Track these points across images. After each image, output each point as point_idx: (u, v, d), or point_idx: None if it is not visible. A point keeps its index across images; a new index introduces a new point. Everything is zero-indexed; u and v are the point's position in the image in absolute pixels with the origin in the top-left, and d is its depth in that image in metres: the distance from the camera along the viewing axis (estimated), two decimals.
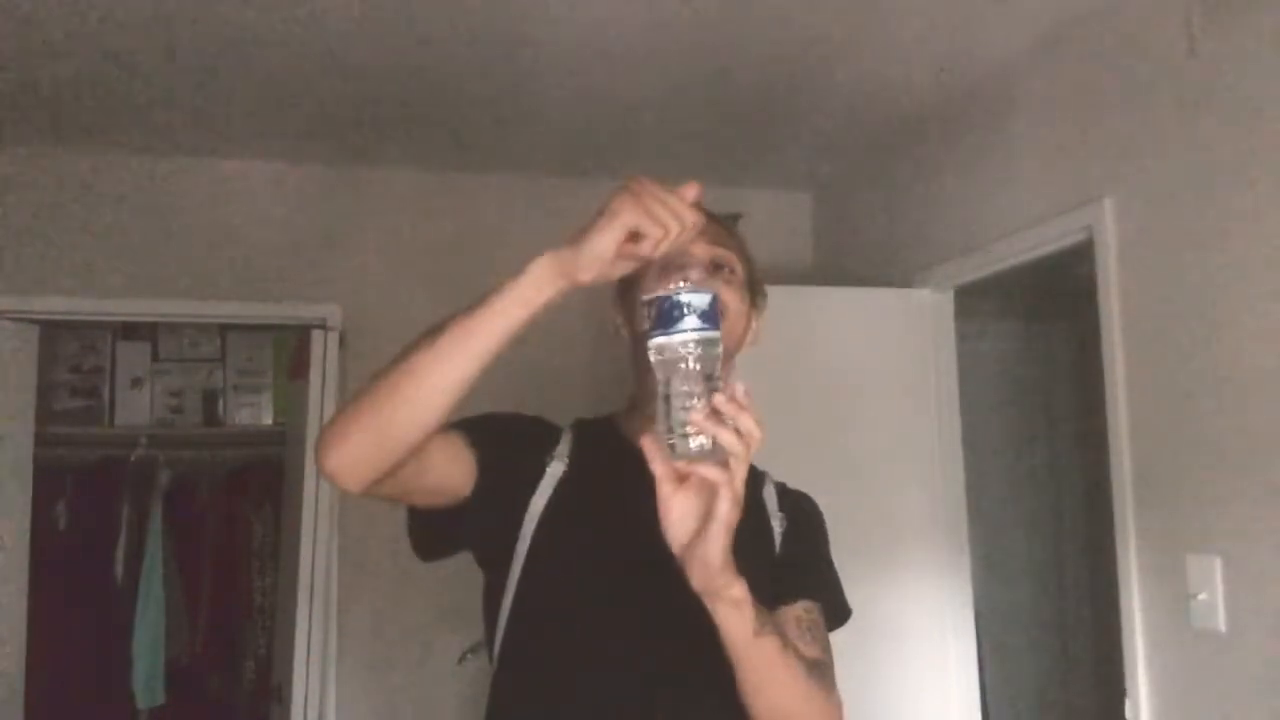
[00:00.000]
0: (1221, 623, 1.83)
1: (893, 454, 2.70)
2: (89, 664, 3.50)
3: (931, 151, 2.82)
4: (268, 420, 3.92)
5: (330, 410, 2.98)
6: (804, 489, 1.41)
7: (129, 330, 3.87)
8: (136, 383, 3.86)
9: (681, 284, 0.96)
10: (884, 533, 2.62)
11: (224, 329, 3.90)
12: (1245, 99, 1.81)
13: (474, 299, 1.01)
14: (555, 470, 1.22)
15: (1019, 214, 2.42)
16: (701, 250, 1.20)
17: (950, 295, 2.81)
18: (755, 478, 1.34)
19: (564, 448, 1.24)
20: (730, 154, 3.08)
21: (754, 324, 1.32)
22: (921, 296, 2.81)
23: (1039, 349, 3.80)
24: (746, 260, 1.33)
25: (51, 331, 3.30)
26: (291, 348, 3.55)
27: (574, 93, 2.61)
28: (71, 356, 3.79)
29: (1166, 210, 1.99)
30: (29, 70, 2.42)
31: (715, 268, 1.23)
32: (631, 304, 1.22)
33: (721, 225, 1.32)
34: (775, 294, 2.92)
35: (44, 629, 3.09)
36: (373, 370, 1.07)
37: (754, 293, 1.33)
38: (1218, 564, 1.84)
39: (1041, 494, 3.74)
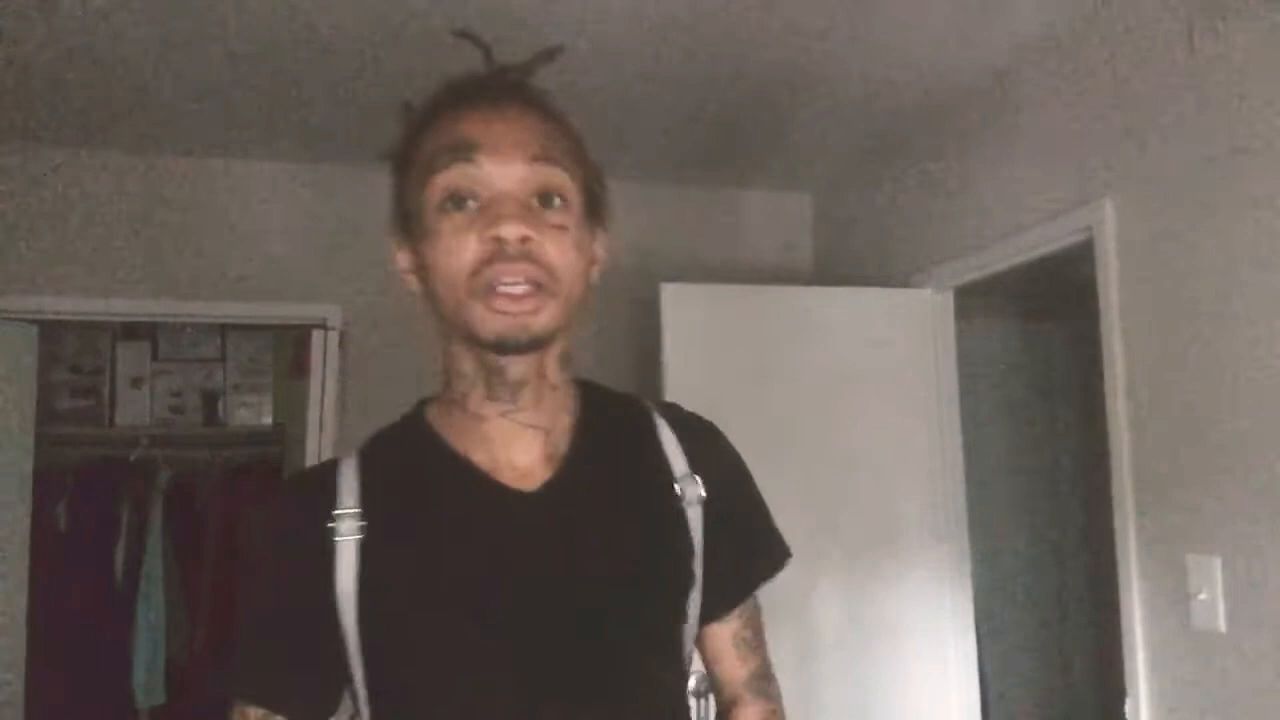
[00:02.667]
0: (1221, 623, 1.83)
1: (893, 454, 2.70)
2: (89, 664, 3.49)
3: (931, 151, 2.82)
4: (268, 420, 3.92)
5: (330, 410, 2.98)
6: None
7: (129, 330, 3.88)
8: (136, 383, 3.87)
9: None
10: (884, 533, 2.62)
11: (224, 329, 3.90)
12: (1245, 99, 1.81)
13: None
14: (346, 536, 0.89)
15: (1019, 214, 2.43)
16: (517, 176, 0.87)
17: (950, 295, 2.81)
18: (638, 415, 1.03)
19: (348, 496, 0.91)
20: (730, 154, 3.08)
21: (598, 250, 0.97)
22: (921, 296, 2.81)
23: (1039, 349, 3.80)
24: (579, 162, 0.93)
25: (51, 331, 3.30)
26: (291, 348, 3.55)
27: (574, 93, 2.60)
28: (71, 356, 3.79)
29: (1166, 210, 1.99)
30: (29, 70, 2.42)
31: (541, 201, 0.88)
32: (420, 239, 0.91)
33: (541, 112, 0.93)
34: (775, 294, 2.93)
35: (44, 629, 3.09)
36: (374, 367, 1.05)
37: (594, 208, 0.96)
38: (1218, 564, 1.84)
39: (1041, 494, 3.74)
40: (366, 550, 0.89)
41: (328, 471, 0.95)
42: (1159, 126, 2.01)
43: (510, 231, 0.84)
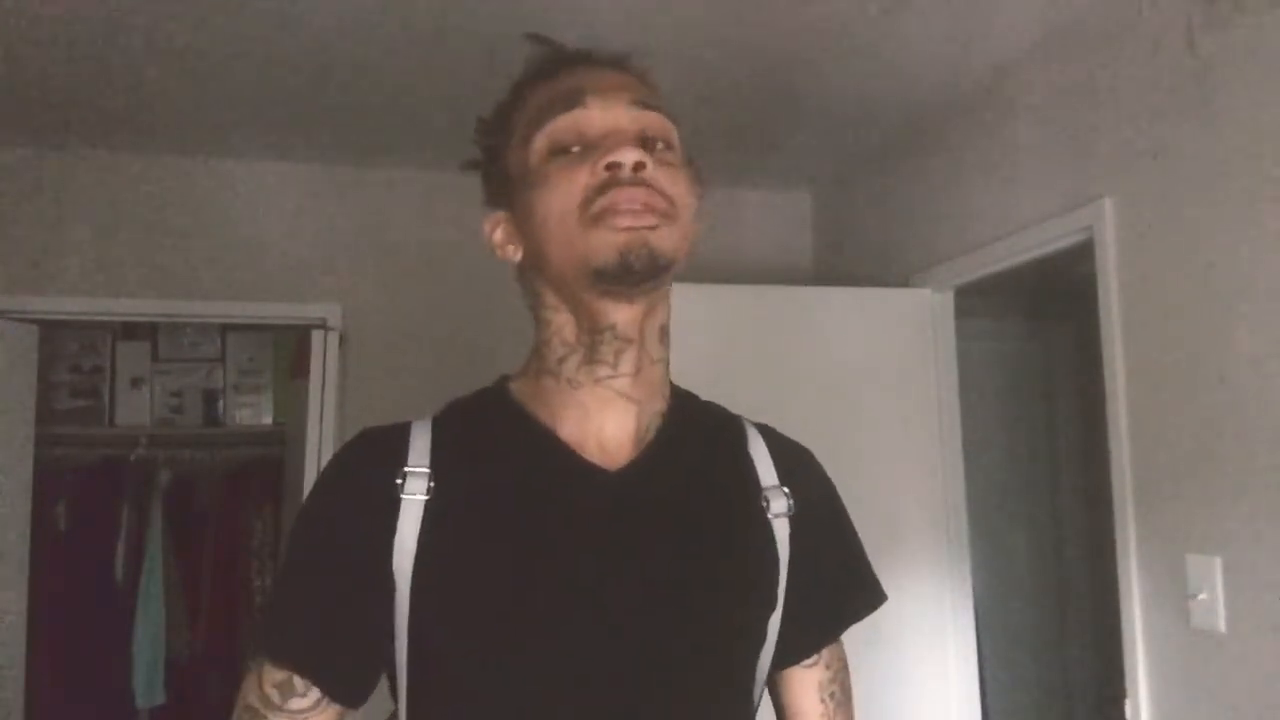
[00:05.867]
0: (1221, 623, 1.83)
1: (893, 454, 2.70)
2: (89, 664, 3.50)
3: (931, 151, 2.82)
4: (268, 420, 3.92)
5: (330, 410, 2.98)
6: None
7: (129, 330, 3.88)
8: (136, 383, 3.86)
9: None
10: (884, 533, 2.61)
11: (224, 329, 3.90)
12: (1245, 98, 1.81)
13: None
14: (413, 495, 0.84)
15: (1019, 214, 2.42)
16: (625, 117, 0.86)
17: (950, 295, 2.81)
18: (730, 421, 0.99)
19: (419, 455, 0.87)
20: (730, 154, 3.08)
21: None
22: (921, 296, 2.81)
23: (1039, 349, 3.80)
24: (675, 121, 0.93)
25: (51, 331, 3.30)
26: (291, 348, 3.55)
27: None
28: (71, 356, 3.79)
29: (1166, 210, 1.99)
30: (29, 70, 2.42)
31: (645, 143, 0.86)
32: (525, 193, 0.87)
33: (638, 74, 0.93)
34: (775, 294, 2.93)
35: (44, 629, 3.09)
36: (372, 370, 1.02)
37: (691, 168, 0.93)
38: (1218, 564, 1.84)
39: (1041, 494, 3.74)
40: (431, 512, 0.84)
41: (400, 430, 0.90)
42: (1159, 126, 2.01)
43: (626, 156, 0.81)
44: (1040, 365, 3.79)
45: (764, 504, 0.93)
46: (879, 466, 2.66)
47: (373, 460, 0.88)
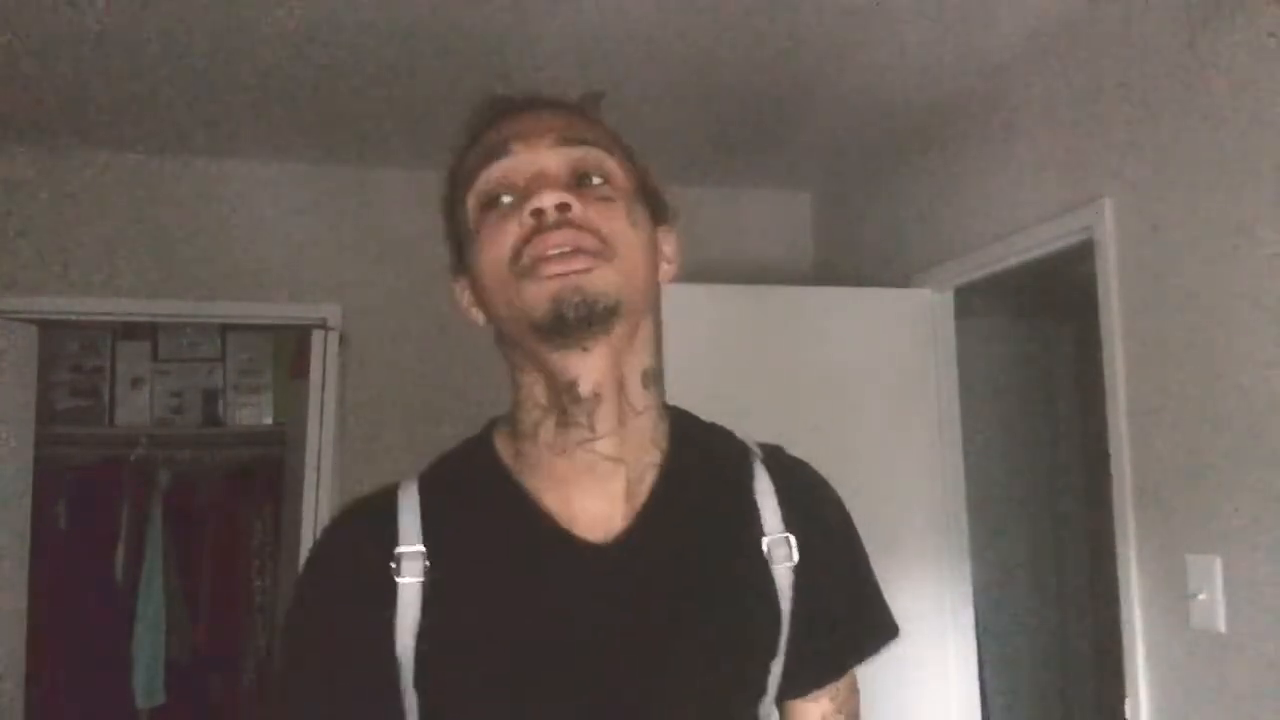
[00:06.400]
0: (1221, 623, 1.83)
1: (893, 454, 2.70)
2: (89, 664, 3.50)
3: (932, 151, 2.82)
4: (268, 420, 3.92)
5: (330, 410, 2.97)
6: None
7: (129, 330, 3.88)
8: (136, 383, 3.86)
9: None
10: (884, 533, 2.60)
11: (224, 329, 3.90)
12: (1245, 98, 1.81)
13: None
14: (409, 577, 0.82)
15: (1019, 214, 2.42)
16: (551, 158, 0.83)
17: (950, 295, 2.81)
18: (735, 457, 0.95)
19: (410, 531, 0.84)
20: (730, 154, 3.08)
21: (665, 248, 0.90)
22: (921, 296, 2.81)
23: (1039, 349, 3.80)
24: (626, 156, 0.89)
25: (51, 331, 3.30)
26: (291, 348, 3.55)
27: (574, 93, 2.60)
28: (71, 356, 3.79)
29: (1166, 210, 1.99)
30: (29, 70, 2.42)
31: (579, 181, 0.83)
32: (468, 251, 0.86)
33: (574, 111, 0.90)
34: (775, 294, 2.93)
35: (44, 629, 3.09)
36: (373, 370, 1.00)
37: (653, 203, 0.89)
38: (1218, 564, 1.84)
39: (1041, 494, 3.74)
40: (429, 591, 0.81)
41: (386, 502, 0.86)
42: (1159, 126, 2.01)
43: (547, 200, 0.78)
44: (1040, 365, 3.79)
45: (766, 554, 0.89)
46: (879, 467, 2.66)
47: (362, 544, 0.85)
